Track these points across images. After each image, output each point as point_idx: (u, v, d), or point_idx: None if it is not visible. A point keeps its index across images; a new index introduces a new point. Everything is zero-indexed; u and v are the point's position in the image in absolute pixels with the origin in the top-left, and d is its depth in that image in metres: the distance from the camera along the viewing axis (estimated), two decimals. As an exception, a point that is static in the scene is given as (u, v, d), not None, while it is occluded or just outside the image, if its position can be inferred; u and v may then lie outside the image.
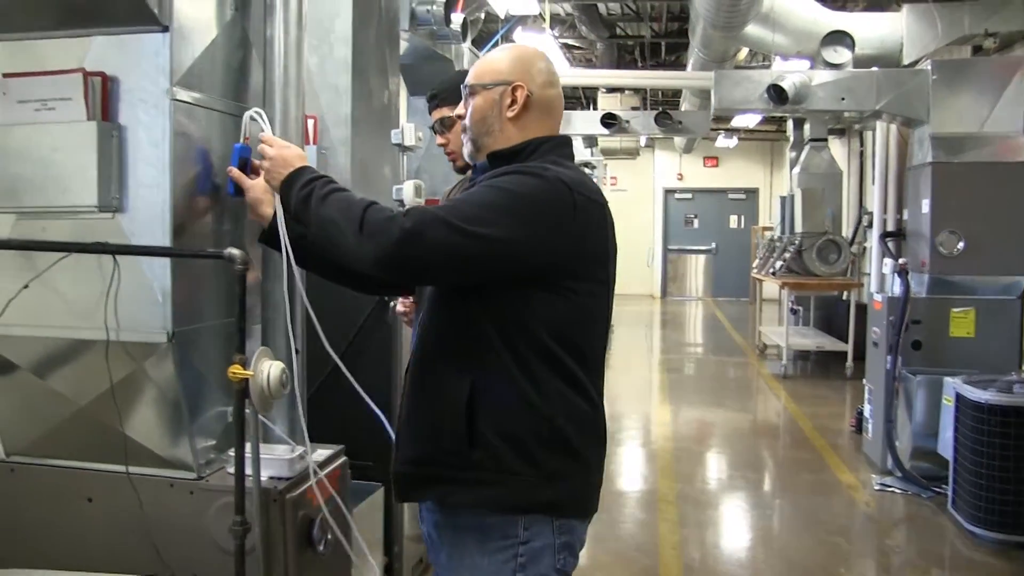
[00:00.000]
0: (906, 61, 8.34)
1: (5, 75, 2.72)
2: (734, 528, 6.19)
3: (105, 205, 2.64)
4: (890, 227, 8.43)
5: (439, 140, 3.29)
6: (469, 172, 3.28)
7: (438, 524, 2.39)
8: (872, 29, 8.51)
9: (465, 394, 2.21)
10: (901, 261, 7.00)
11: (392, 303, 3.34)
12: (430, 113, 3.30)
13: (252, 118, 2.71)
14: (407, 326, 3.32)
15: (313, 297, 2.91)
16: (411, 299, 3.27)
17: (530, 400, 2.21)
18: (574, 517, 2.32)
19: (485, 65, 2.43)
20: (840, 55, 7.98)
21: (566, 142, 2.42)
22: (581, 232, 2.23)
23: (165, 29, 2.62)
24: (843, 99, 7.48)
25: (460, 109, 2.47)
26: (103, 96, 2.65)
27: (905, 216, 7.79)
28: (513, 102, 2.35)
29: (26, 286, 2.68)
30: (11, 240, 2.75)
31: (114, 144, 2.65)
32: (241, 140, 2.71)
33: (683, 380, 12.07)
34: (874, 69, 7.74)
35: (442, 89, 3.20)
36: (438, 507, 2.37)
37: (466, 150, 2.47)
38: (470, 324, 2.25)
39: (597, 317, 2.34)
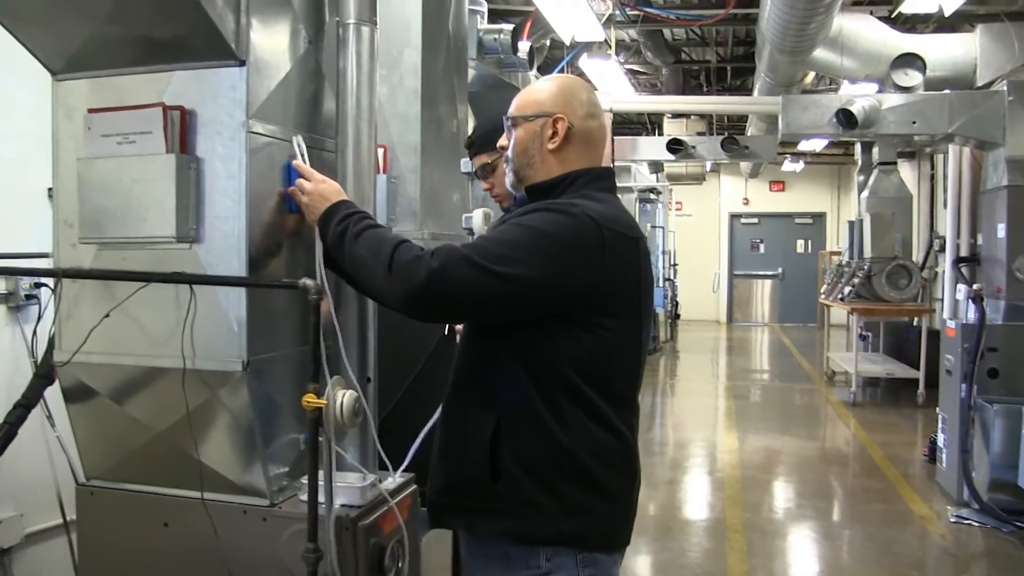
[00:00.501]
0: (980, 82, 8.21)
1: (89, 111, 2.80)
2: (804, 559, 6.10)
3: (183, 236, 2.70)
4: (964, 252, 8.28)
5: (484, 186, 3.29)
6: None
7: (469, 551, 2.48)
8: (944, 50, 8.40)
9: (490, 428, 2.25)
10: (976, 287, 6.87)
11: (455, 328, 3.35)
12: (471, 159, 3.28)
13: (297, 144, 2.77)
14: None
15: (382, 325, 2.95)
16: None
17: (553, 434, 2.23)
18: (598, 551, 2.32)
19: (526, 96, 2.46)
20: (911, 78, 7.89)
21: (605, 174, 2.42)
22: (610, 268, 2.22)
23: (242, 63, 2.67)
24: (914, 123, 7.39)
25: (503, 140, 2.49)
26: (182, 129, 2.70)
27: (979, 241, 7.65)
28: (554, 134, 2.36)
29: (107, 315, 2.75)
30: (92, 270, 2.82)
31: (192, 176, 2.70)
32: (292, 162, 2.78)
33: (750, 407, 11.93)
34: (946, 91, 7.62)
35: (479, 136, 3.20)
36: (467, 535, 2.45)
37: (508, 180, 2.50)
38: (496, 359, 2.29)
39: (626, 351, 2.34)
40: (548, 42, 9.08)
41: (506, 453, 2.25)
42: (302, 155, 2.81)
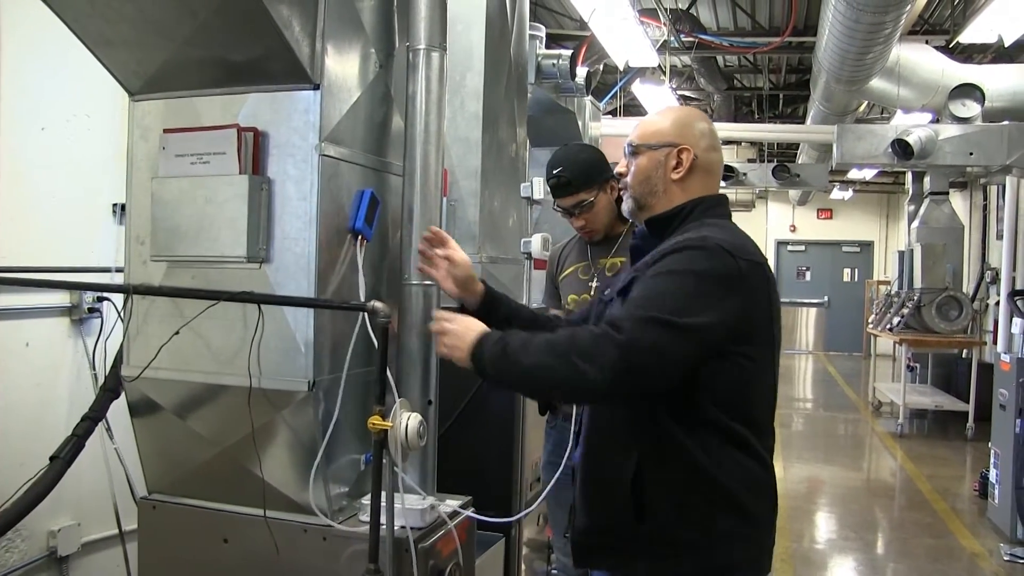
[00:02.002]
0: (1039, 113, 8.12)
1: (165, 131, 2.85)
2: (852, 593, 6.03)
3: (253, 256, 2.73)
4: (1020, 285, 8.17)
5: (577, 223, 3.31)
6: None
7: None
8: (1003, 81, 8.31)
9: (631, 468, 2.22)
10: (1035, 318, 6.78)
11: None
12: (559, 198, 3.30)
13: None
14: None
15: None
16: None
17: (702, 469, 2.20)
18: None
19: (650, 126, 2.45)
20: (969, 108, 7.81)
21: (721, 201, 2.45)
22: (750, 297, 2.22)
23: (316, 87, 2.71)
24: (971, 154, 7.33)
25: (621, 167, 2.49)
26: (254, 150, 2.74)
27: (1036, 273, 7.56)
28: (679, 164, 2.37)
29: (177, 332, 2.79)
30: (163, 287, 2.86)
31: (263, 197, 2.74)
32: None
33: (794, 435, 11.82)
34: (1005, 123, 7.54)
35: (574, 176, 3.22)
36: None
37: (626, 206, 2.50)
38: (640, 402, 2.25)
39: (764, 377, 2.32)
40: (602, 67, 9.11)
41: (651, 492, 2.22)
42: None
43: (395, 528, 2.68)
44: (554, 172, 3.25)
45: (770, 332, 2.31)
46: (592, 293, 3.32)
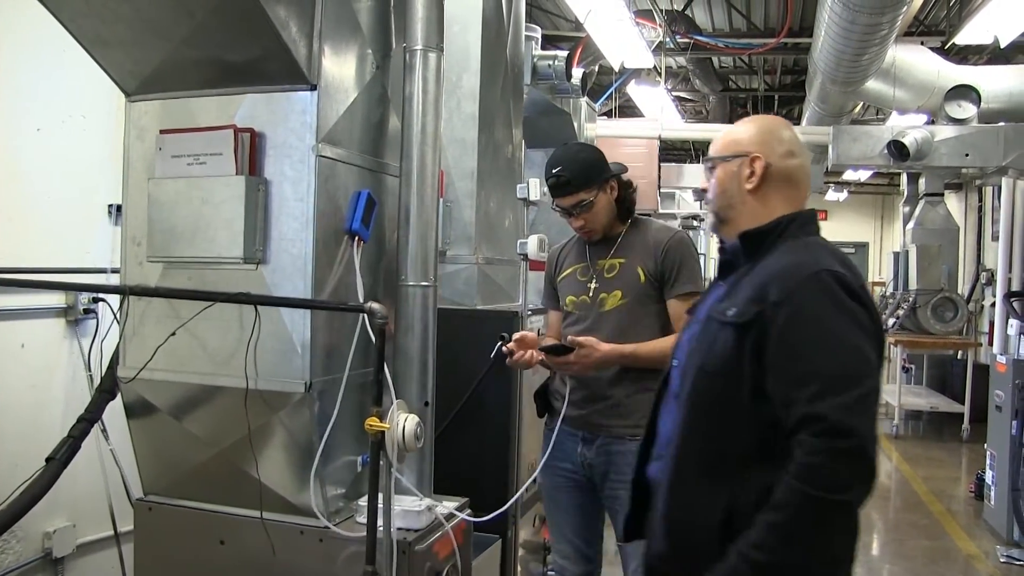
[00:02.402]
0: (1036, 114, 8.13)
1: (161, 131, 2.84)
2: (848, 594, 6.02)
3: (249, 257, 2.73)
4: (1015, 287, 8.17)
5: (576, 223, 3.30)
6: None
7: None
8: (999, 82, 8.30)
9: (719, 514, 2.10)
10: (1030, 326, 6.78)
11: (500, 344, 3.34)
12: (558, 198, 3.29)
13: None
14: (515, 367, 3.31)
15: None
16: (513, 341, 3.26)
17: None
18: None
19: (724, 137, 2.40)
20: (965, 110, 7.81)
21: (811, 218, 2.34)
22: (870, 316, 2.13)
23: (313, 88, 2.71)
24: (967, 155, 7.33)
25: (703, 183, 2.44)
26: (251, 151, 2.74)
27: (1033, 276, 7.56)
28: (752, 174, 2.29)
29: (174, 333, 2.78)
30: (159, 288, 2.86)
31: (260, 197, 2.74)
32: None
33: (790, 437, 11.81)
34: (1001, 124, 7.54)
35: (574, 176, 3.21)
36: None
37: (708, 222, 2.47)
38: (736, 438, 2.14)
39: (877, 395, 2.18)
40: (597, 68, 9.10)
41: (741, 523, 2.05)
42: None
43: (392, 530, 2.67)
44: (553, 171, 3.23)
45: (880, 350, 2.17)
46: (591, 295, 3.31)
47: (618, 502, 3.26)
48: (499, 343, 3.25)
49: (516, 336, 3.22)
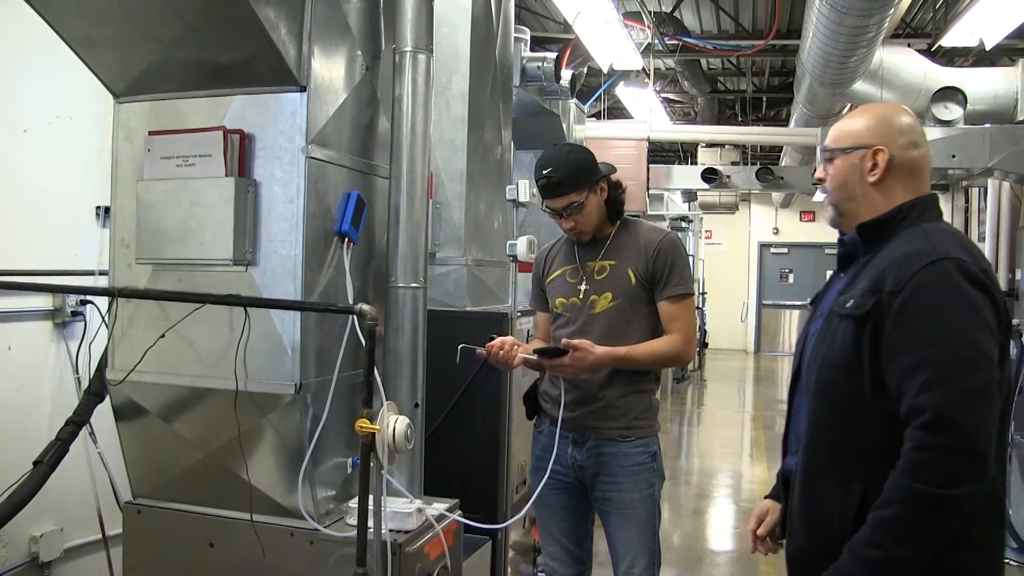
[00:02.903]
0: (1021, 116, 8.13)
1: (150, 133, 2.84)
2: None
3: (239, 258, 2.72)
4: (1001, 287, 8.18)
5: (566, 224, 3.28)
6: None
7: None
8: (985, 84, 8.32)
9: (855, 503, 2.09)
10: (1015, 323, 6.80)
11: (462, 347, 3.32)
12: (549, 199, 3.27)
13: None
14: (497, 364, 3.29)
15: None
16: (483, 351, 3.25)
17: None
18: None
19: (843, 128, 2.34)
20: (951, 111, 7.82)
21: (932, 203, 2.29)
22: (993, 305, 2.08)
23: (303, 89, 2.71)
24: (954, 156, 7.33)
25: (819, 173, 2.39)
26: (240, 153, 2.74)
27: (1018, 276, 7.58)
28: (874, 166, 2.24)
29: (163, 335, 2.77)
30: (149, 290, 2.85)
31: (249, 199, 2.74)
32: None
33: (778, 437, 11.74)
34: (987, 125, 7.57)
35: (565, 177, 3.19)
36: None
37: (828, 215, 2.40)
38: (864, 430, 2.13)
39: (1004, 392, 2.14)
40: (586, 70, 9.11)
41: None
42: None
43: (383, 531, 2.66)
44: (544, 172, 3.20)
45: (1005, 341, 2.14)
46: (581, 297, 3.29)
47: (608, 503, 3.27)
48: (461, 346, 3.20)
49: (498, 340, 3.19)
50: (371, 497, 2.60)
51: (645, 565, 3.24)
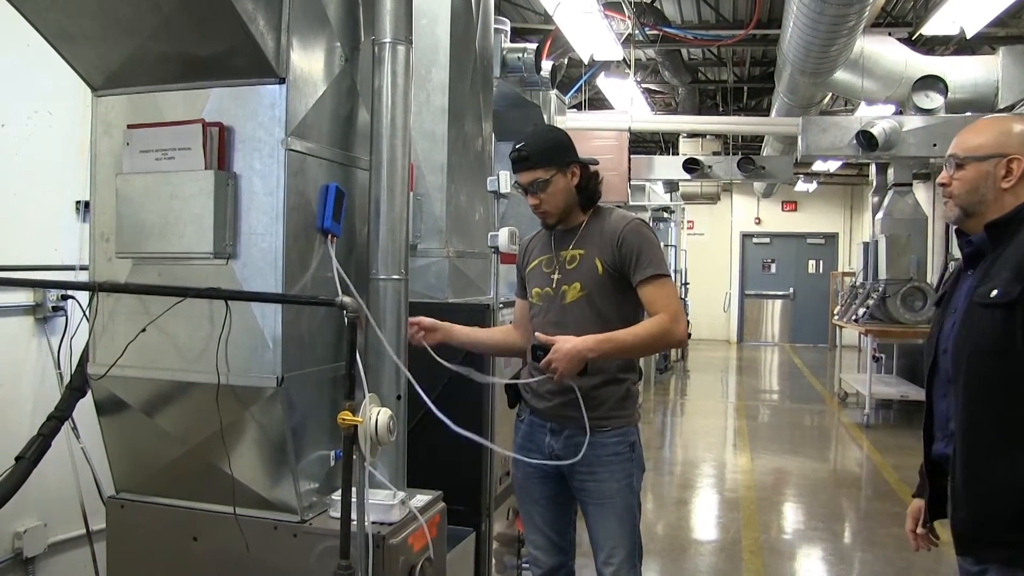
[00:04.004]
0: (1001, 105, 8.19)
1: (129, 126, 2.82)
2: (821, 581, 6.07)
3: (220, 252, 2.72)
4: (982, 275, 8.23)
5: (532, 200, 3.27)
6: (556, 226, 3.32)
7: None
8: (965, 72, 8.39)
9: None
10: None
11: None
12: (517, 173, 3.28)
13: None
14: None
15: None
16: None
17: None
18: None
19: (974, 138, 2.51)
20: (932, 100, 7.88)
21: None
22: None
23: (282, 81, 2.70)
24: (935, 145, 7.40)
25: (943, 178, 2.55)
26: (220, 146, 2.73)
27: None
28: (1008, 173, 2.43)
29: (144, 329, 2.77)
30: (129, 284, 2.84)
31: (229, 192, 2.73)
32: None
33: (761, 427, 11.88)
34: (968, 113, 7.62)
35: (534, 151, 3.20)
36: (1003, 569, 2.41)
37: (951, 216, 2.56)
38: (1018, 404, 2.32)
39: None
40: (566, 61, 9.13)
41: None
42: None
43: (366, 524, 2.66)
44: (516, 146, 3.22)
45: None
46: (554, 286, 3.29)
47: (586, 493, 3.27)
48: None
49: (413, 319, 3.19)
50: (354, 489, 2.60)
51: (625, 556, 3.24)
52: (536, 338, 3.11)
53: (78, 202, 4.31)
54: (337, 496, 2.72)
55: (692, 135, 14.89)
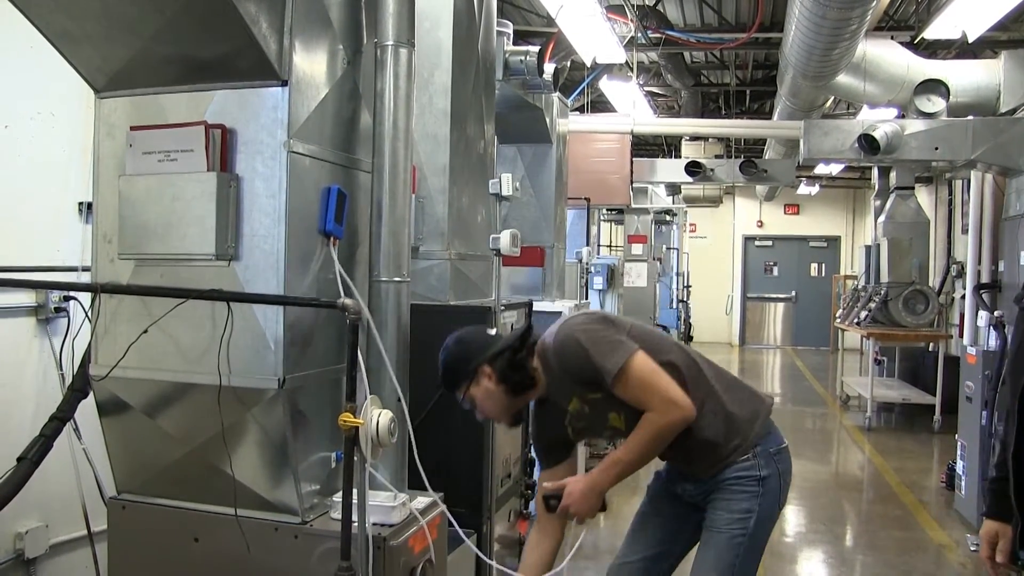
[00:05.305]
0: (1004, 109, 8.18)
1: (132, 128, 2.83)
2: (821, 584, 6.07)
3: (222, 253, 2.73)
4: (984, 279, 8.23)
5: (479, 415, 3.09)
6: None
7: None
8: (967, 76, 8.38)
9: None
10: (997, 314, 6.84)
11: None
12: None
13: None
14: None
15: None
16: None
17: None
18: None
19: None
20: (934, 104, 7.87)
21: None
22: None
23: (284, 83, 2.71)
24: (937, 148, 7.38)
25: None
26: (223, 148, 2.74)
27: (1001, 268, 7.62)
28: None
29: (146, 331, 2.77)
30: (131, 286, 2.84)
31: (231, 194, 2.74)
32: None
33: (764, 430, 11.85)
34: (970, 117, 7.61)
35: (443, 381, 3.00)
36: None
37: None
38: None
39: None
40: (569, 63, 9.11)
41: None
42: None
43: (367, 525, 2.67)
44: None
45: None
46: (602, 428, 3.05)
47: (704, 522, 3.02)
48: None
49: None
50: (355, 491, 2.61)
51: None
52: (545, 489, 2.96)
53: (80, 203, 4.31)
54: (338, 497, 2.73)
55: (694, 138, 14.88)
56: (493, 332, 3.05)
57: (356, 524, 2.62)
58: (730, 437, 2.95)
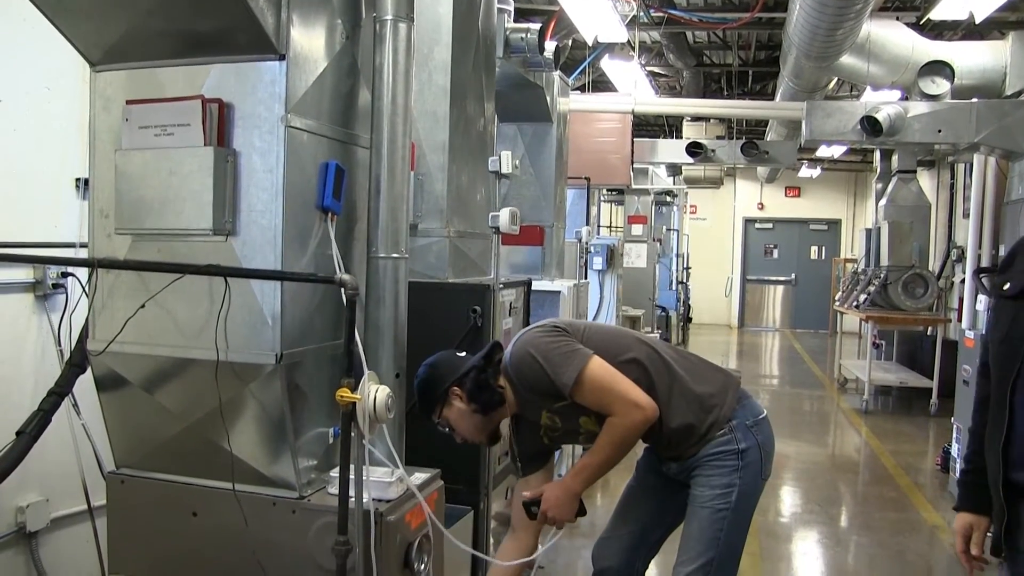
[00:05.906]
0: (1009, 91, 8.12)
1: (128, 102, 2.82)
2: (816, 564, 6.09)
3: (219, 228, 2.72)
4: (985, 263, 8.21)
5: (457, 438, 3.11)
6: None
7: None
8: (973, 58, 8.30)
9: None
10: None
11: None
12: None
13: None
14: None
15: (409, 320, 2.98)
16: None
17: None
18: None
19: None
20: (938, 86, 7.82)
21: None
22: None
23: (282, 57, 2.69)
24: (940, 131, 7.35)
25: None
26: (219, 122, 2.72)
27: (1002, 252, 7.59)
28: None
29: (143, 306, 2.77)
30: (128, 261, 2.84)
31: (228, 169, 2.73)
32: None
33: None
34: (974, 100, 7.57)
35: (419, 404, 3.02)
36: None
37: None
38: None
39: None
40: (570, 42, 9.07)
41: None
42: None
43: (364, 501, 2.67)
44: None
45: None
46: (577, 433, 3.09)
47: (689, 499, 3.06)
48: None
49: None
50: (352, 467, 2.61)
51: (695, 567, 2.97)
52: (524, 497, 3.01)
53: (78, 179, 4.30)
54: (335, 473, 2.73)
55: (696, 119, 14.81)
56: (463, 355, 3.06)
57: (353, 499, 2.62)
58: (703, 416, 3.00)
